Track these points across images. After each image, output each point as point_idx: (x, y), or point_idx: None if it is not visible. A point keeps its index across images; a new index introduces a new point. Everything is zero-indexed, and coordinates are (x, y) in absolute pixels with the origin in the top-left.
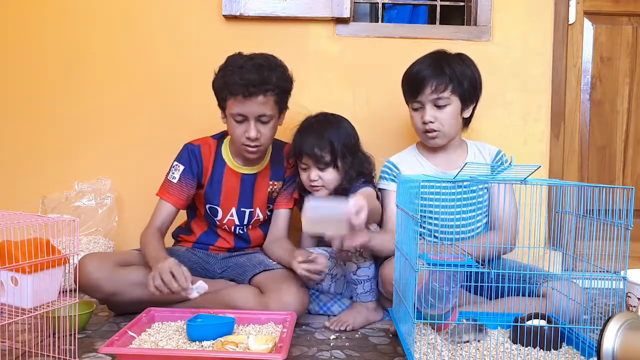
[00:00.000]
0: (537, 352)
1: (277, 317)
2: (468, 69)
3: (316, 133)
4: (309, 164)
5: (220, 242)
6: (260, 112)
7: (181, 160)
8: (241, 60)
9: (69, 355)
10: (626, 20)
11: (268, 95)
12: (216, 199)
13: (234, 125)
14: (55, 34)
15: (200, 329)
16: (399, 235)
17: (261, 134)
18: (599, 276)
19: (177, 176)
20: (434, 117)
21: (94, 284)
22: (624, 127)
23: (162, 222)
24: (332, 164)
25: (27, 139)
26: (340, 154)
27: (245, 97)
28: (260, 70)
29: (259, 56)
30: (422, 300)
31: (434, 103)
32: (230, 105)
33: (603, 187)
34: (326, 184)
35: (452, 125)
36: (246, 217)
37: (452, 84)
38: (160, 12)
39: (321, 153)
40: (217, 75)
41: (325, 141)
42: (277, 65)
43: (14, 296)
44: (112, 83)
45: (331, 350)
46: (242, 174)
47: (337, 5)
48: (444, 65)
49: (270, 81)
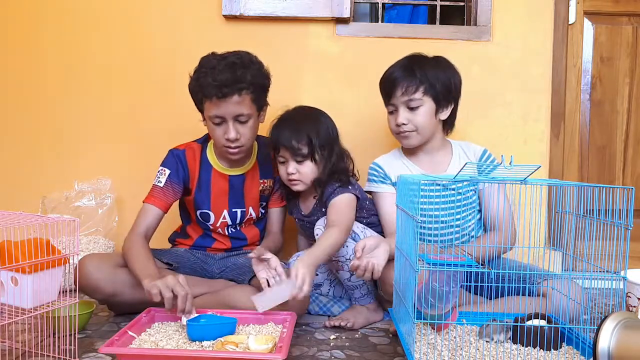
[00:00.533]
0: (537, 352)
1: (277, 317)
2: (442, 71)
3: (293, 125)
4: (287, 156)
5: (217, 244)
6: (237, 112)
7: (167, 164)
8: (214, 60)
9: (69, 355)
10: (626, 20)
11: (243, 94)
12: (205, 203)
13: (213, 128)
14: (55, 33)
15: (201, 329)
16: (399, 235)
17: (241, 134)
18: (599, 276)
19: (164, 180)
20: (407, 119)
21: (94, 285)
22: (624, 127)
23: (148, 227)
24: (310, 157)
25: (27, 139)
26: (318, 146)
27: (220, 99)
28: (232, 69)
29: (232, 54)
30: (422, 300)
31: (406, 105)
32: (207, 108)
33: (603, 187)
34: (303, 178)
35: (426, 126)
36: (238, 217)
37: (422, 85)
38: (160, 12)
39: (298, 145)
40: (192, 78)
41: (303, 133)
42: (251, 62)
43: (14, 296)
44: (112, 83)
45: (331, 350)
46: (230, 176)
47: (337, 5)
48: (415, 67)
49: (244, 79)
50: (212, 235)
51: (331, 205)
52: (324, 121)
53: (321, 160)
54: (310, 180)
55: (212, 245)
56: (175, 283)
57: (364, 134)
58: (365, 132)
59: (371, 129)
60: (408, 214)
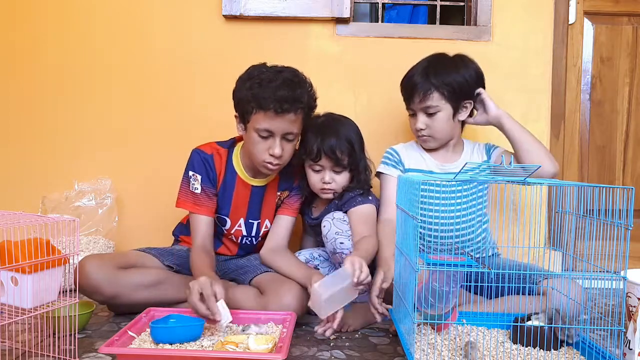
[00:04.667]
0: (537, 352)
1: (277, 317)
2: (458, 73)
3: (336, 134)
4: (325, 165)
5: (222, 249)
6: (288, 130)
7: (195, 169)
8: (269, 73)
9: (69, 355)
10: (626, 20)
11: (298, 114)
12: (225, 209)
13: (257, 141)
14: (55, 34)
15: (163, 332)
16: (399, 235)
17: (284, 152)
18: (599, 276)
19: (199, 186)
20: (425, 124)
21: (94, 287)
22: (624, 127)
23: (204, 238)
24: (349, 167)
25: (27, 139)
26: (357, 157)
27: (277, 114)
28: (291, 86)
29: (286, 70)
30: (422, 300)
31: (424, 111)
32: (256, 119)
33: (603, 187)
34: (337, 187)
35: (445, 130)
36: (254, 229)
37: (439, 91)
38: (160, 12)
39: (341, 156)
40: (242, 86)
41: (345, 143)
42: (305, 82)
43: (14, 296)
44: (112, 83)
45: (331, 350)
46: (252, 186)
47: (337, 5)
48: (431, 73)
49: (302, 99)
50: (221, 240)
51: (357, 214)
52: (358, 132)
53: (356, 170)
54: (341, 188)
55: (217, 250)
56: (204, 283)
57: (364, 134)
58: (366, 132)
59: (371, 129)
60: (408, 214)
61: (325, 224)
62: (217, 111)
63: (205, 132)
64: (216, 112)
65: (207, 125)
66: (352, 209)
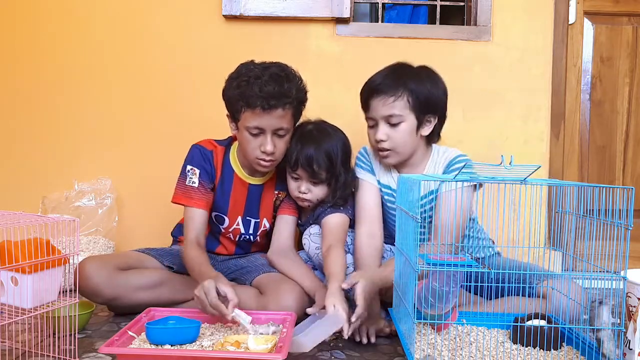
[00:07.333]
0: (537, 352)
1: (277, 317)
2: (425, 84)
3: (316, 147)
4: (303, 176)
5: (220, 248)
6: (278, 126)
7: (194, 163)
8: (256, 69)
9: (69, 355)
10: (626, 20)
11: (287, 109)
12: (224, 207)
13: (249, 139)
14: (55, 34)
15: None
16: (398, 235)
17: (276, 148)
18: (599, 276)
19: (196, 180)
20: (386, 134)
21: (94, 289)
22: (624, 127)
23: (198, 232)
24: (326, 182)
25: (27, 139)
26: (336, 173)
27: (265, 110)
28: (278, 81)
29: (273, 65)
30: (422, 300)
31: (386, 120)
32: (246, 118)
33: (603, 187)
34: (313, 198)
35: (407, 144)
36: (252, 227)
37: (404, 99)
38: (160, 12)
39: (318, 170)
40: (230, 85)
41: (325, 158)
42: (294, 75)
43: (14, 296)
44: (112, 83)
45: (331, 350)
46: (250, 184)
47: (337, 5)
48: (397, 79)
49: (290, 94)
50: (219, 239)
51: (327, 224)
52: (344, 147)
53: (334, 185)
54: (318, 200)
55: (215, 250)
56: (207, 286)
57: (363, 134)
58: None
59: None
60: (408, 214)
61: (305, 242)
62: (217, 111)
63: (205, 132)
64: (216, 112)
65: (207, 125)
66: (323, 220)
